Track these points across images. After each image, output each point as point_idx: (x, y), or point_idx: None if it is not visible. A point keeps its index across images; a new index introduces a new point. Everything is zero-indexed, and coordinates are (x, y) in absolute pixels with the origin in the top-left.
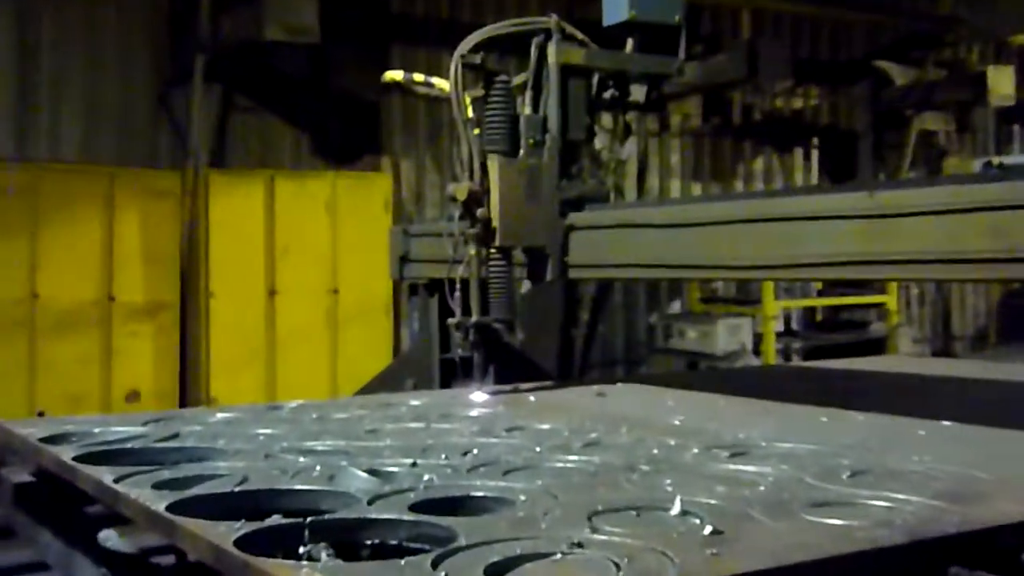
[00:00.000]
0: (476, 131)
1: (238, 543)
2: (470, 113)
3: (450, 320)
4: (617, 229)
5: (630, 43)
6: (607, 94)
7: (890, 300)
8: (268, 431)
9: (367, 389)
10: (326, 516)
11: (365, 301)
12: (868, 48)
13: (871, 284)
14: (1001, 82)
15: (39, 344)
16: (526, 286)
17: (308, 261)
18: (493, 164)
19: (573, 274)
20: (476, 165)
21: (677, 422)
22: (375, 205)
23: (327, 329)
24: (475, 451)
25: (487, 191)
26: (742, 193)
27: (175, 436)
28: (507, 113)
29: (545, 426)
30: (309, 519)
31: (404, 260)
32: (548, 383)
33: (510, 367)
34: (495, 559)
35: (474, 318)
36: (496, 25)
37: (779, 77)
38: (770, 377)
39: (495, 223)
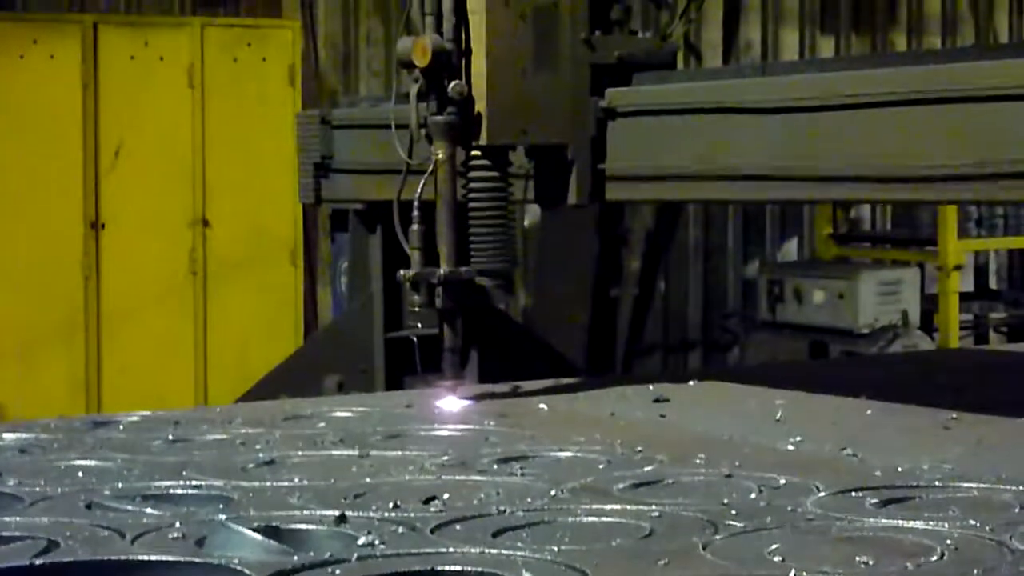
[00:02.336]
0: None
1: None
2: None
3: (403, 272)
4: (690, 116)
5: None
6: None
7: None
8: (92, 463)
9: (260, 390)
10: None
11: (255, 240)
12: None
13: None
14: None
15: None
16: (533, 215)
17: (157, 172)
18: (476, 2)
19: (614, 193)
20: (447, 5)
21: (791, 446)
22: (272, 75)
23: (190, 287)
24: (446, 496)
25: (466, 51)
26: (906, 54)
27: None
28: None
29: (566, 453)
30: None
31: (323, 170)
32: (571, 380)
33: (506, 352)
34: None
35: (444, 269)
36: None
37: None
38: (950, 371)
39: (480, 106)
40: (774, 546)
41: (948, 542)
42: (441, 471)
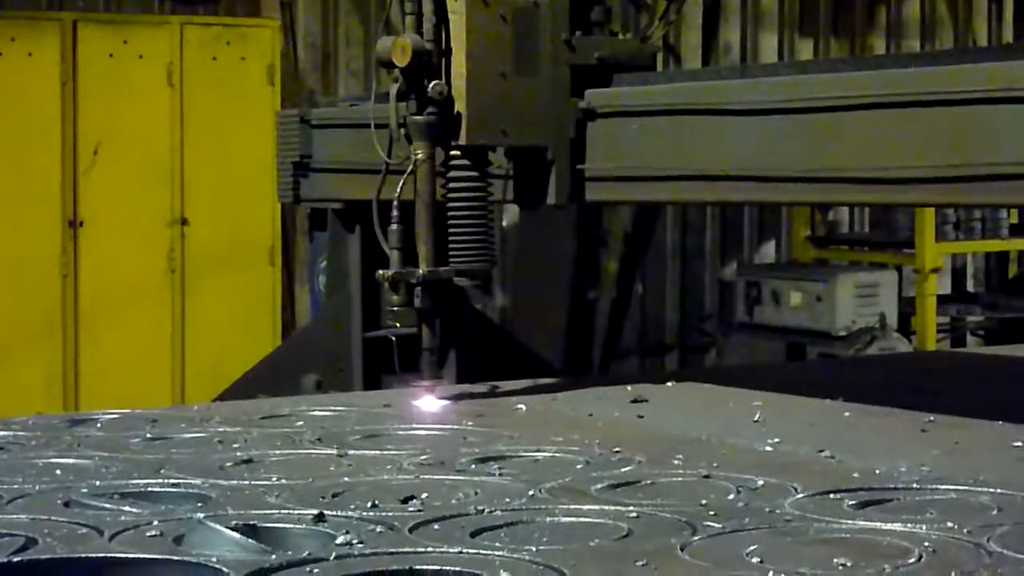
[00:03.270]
0: None
1: None
2: None
3: (382, 272)
4: (669, 117)
5: None
6: None
7: None
8: (69, 460)
9: (238, 389)
10: None
11: (234, 239)
12: None
13: None
14: None
15: None
16: (512, 215)
17: (136, 170)
18: (457, 3)
19: (593, 194)
20: (427, 5)
21: (768, 447)
22: (251, 74)
23: (168, 286)
24: (424, 495)
25: (446, 51)
26: (884, 56)
27: None
28: None
29: (544, 453)
30: None
31: (302, 169)
32: (549, 380)
33: (484, 353)
34: None
35: (423, 268)
36: None
37: None
38: (928, 372)
39: (459, 106)
40: (752, 547)
41: (926, 544)
42: (419, 471)
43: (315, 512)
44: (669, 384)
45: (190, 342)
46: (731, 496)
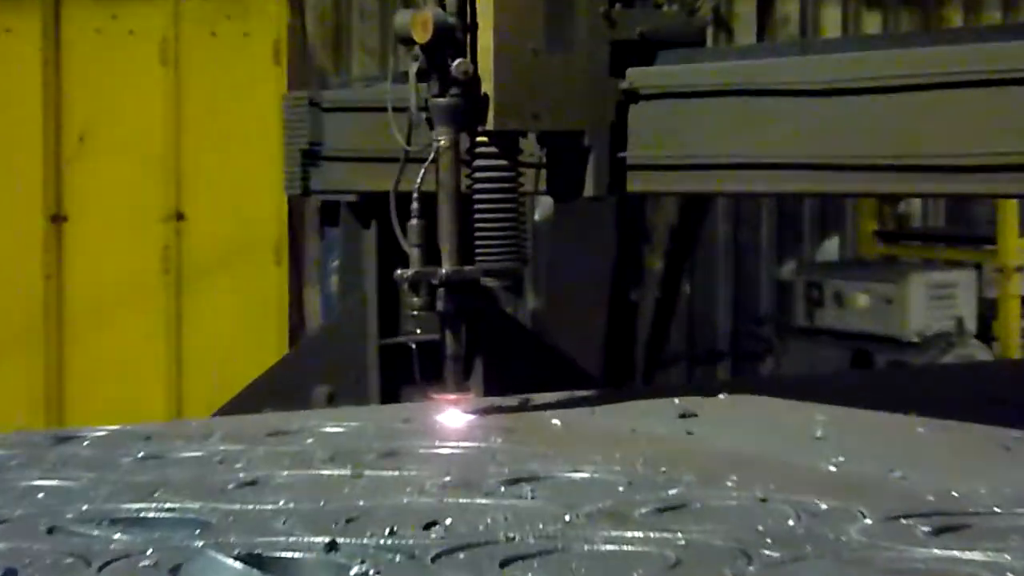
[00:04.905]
0: None
1: None
2: None
3: (400, 272)
4: (720, 99)
5: None
6: None
7: None
8: (54, 482)
9: (242, 403)
10: None
11: (236, 236)
12: None
13: None
14: None
15: None
16: (545, 208)
17: (126, 159)
18: None
19: (635, 185)
20: None
21: (832, 467)
22: (256, 52)
23: (162, 287)
24: (448, 521)
25: (471, 26)
26: (961, 30)
27: None
28: None
29: (581, 473)
30: None
31: (312, 158)
32: (586, 392)
33: (515, 361)
34: None
35: (446, 268)
36: None
37: None
38: (1010, 384)
39: (486, 87)
40: None
41: (1009, 575)
42: (443, 493)
43: (327, 540)
44: (721, 396)
45: (187, 350)
46: (790, 522)
